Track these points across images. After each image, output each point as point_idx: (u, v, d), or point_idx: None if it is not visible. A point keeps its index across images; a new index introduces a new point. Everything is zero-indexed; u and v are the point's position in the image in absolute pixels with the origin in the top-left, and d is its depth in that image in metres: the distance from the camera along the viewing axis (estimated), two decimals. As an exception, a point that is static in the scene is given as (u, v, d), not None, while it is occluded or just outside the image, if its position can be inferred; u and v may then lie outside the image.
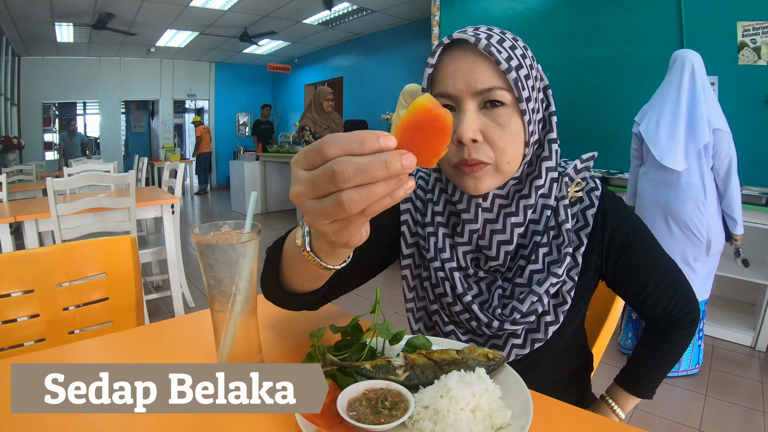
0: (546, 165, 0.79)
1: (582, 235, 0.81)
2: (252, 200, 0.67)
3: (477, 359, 0.63)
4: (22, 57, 9.04)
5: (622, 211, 0.84)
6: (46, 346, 1.17)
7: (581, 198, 0.83)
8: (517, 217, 0.80)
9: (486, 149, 0.72)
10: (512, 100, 0.72)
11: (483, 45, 0.70)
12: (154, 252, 3.09)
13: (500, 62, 0.70)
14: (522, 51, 0.74)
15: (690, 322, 0.92)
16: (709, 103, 2.30)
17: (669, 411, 2.23)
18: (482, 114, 0.73)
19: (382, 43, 8.09)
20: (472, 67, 0.71)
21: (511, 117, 0.72)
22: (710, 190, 2.34)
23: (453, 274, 0.83)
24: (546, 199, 0.81)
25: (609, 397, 0.99)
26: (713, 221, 2.35)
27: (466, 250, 0.85)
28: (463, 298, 0.82)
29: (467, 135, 0.70)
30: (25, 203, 3.17)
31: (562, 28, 4.22)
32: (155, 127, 11.47)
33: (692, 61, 2.35)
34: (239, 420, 0.55)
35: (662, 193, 2.45)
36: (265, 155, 7.61)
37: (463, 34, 0.73)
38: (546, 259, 0.80)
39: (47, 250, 1.19)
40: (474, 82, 0.71)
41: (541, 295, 0.78)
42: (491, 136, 0.72)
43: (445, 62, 0.74)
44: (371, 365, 0.62)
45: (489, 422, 0.54)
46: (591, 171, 0.86)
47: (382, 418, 0.54)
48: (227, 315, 0.64)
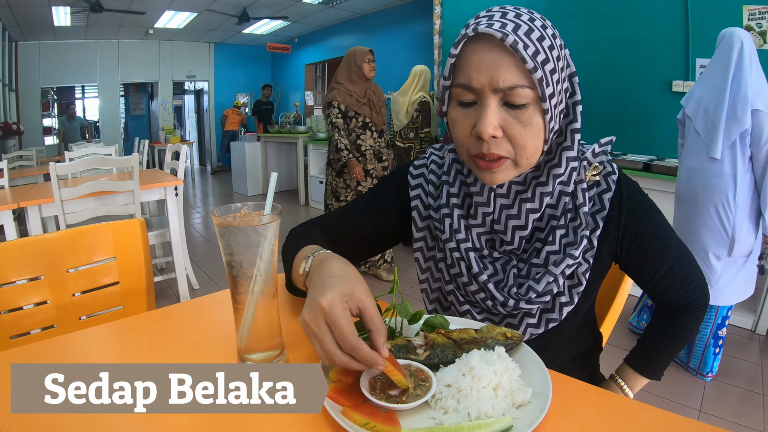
0: (567, 155, 0.78)
1: (598, 218, 0.81)
2: (273, 181, 0.68)
3: (495, 338, 0.64)
4: (19, 42, 8.96)
5: (638, 196, 0.84)
6: (56, 332, 1.17)
7: (598, 182, 0.83)
8: (533, 203, 0.80)
9: (506, 144, 0.72)
10: (535, 98, 0.70)
11: (510, 41, 0.67)
12: (158, 234, 3.11)
13: (526, 60, 0.67)
14: (550, 41, 0.71)
15: (700, 306, 0.92)
16: (756, 84, 2.07)
17: (670, 392, 2.26)
18: (503, 110, 0.71)
19: (383, 23, 7.99)
20: (497, 62, 0.69)
21: (533, 115, 0.71)
22: (743, 183, 2.12)
23: (468, 254, 0.84)
24: (565, 186, 0.81)
25: (618, 377, 1.00)
26: (741, 218, 2.15)
27: (481, 231, 0.86)
28: (479, 278, 0.83)
29: (487, 131, 0.70)
30: (27, 189, 3.17)
31: (567, 8, 4.17)
32: (155, 109, 11.40)
33: (741, 38, 2.12)
34: (239, 420, 0.56)
35: (693, 182, 2.29)
36: (266, 136, 7.58)
37: (489, 27, 0.69)
38: (563, 241, 0.81)
39: (56, 235, 1.19)
40: (497, 78, 0.69)
41: (557, 275, 0.79)
42: (512, 132, 0.71)
43: (469, 53, 0.72)
44: (392, 345, 0.63)
45: (510, 400, 0.55)
46: (608, 155, 0.86)
47: (405, 396, 0.55)
48: (248, 297, 0.65)
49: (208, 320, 0.90)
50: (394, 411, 0.55)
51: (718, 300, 2.29)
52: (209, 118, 11.53)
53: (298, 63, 10.59)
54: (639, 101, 3.79)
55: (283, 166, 7.96)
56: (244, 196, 7.69)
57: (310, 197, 6.79)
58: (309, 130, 6.89)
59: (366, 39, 8.38)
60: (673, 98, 3.55)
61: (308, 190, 6.84)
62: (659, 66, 3.65)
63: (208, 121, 11.59)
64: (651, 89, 3.71)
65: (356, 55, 3.48)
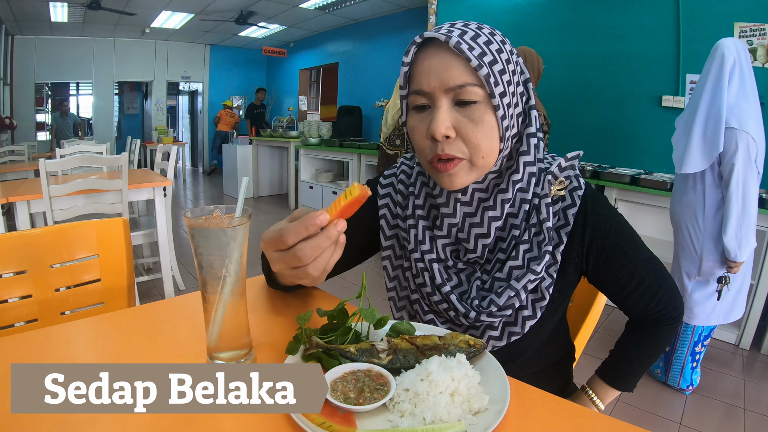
0: (524, 159, 0.80)
1: (562, 233, 0.82)
2: (243, 185, 0.69)
3: (458, 345, 0.65)
4: (15, 36, 8.89)
5: (605, 211, 0.85)
6: (37, 326, 1.17)
7: (564, 197, 0.84)
8: (494, 211, 0.82)
9: (459, 145, 0.75)
10: (485, 96, 0.73)
11: (454, 42, 0.71)
12: (145, 234, 3.10)
13: (470, 59, 0.71)
14: (498, 46, 0.75)
15: (673, 319, 0.92)
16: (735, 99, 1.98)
17: (651, 404, 2.27)
18: (455, 110, 0.74)
19: (378, 30, 8.03)
20: (445, 64, 0.73)
21: (484, 113, 0.74)
22: (711, 201, 2.08)
23: (432, 265, 0.85)
24: (524, 193, 0.82)
25: (589, 389, 1.00)
26: (708, 237, 2.12)
27: (446, 242, 0.87)
28: (441, 289, 0.84)
29: (440, 131, 0.72)
30: (17, 184, 3.15)
31: (560, 21, 4.23)
32: (148, 108, 11.36)
33: (723, 51, 2.00)
34: (240, 420, 0.56)
35: (673, 199, 2.31)
36: (259, 139, 7.58)
37: (435, 32, 0.74)
38: (526, 256, 0.82)
39: (40, 231, 1.20)
40: (446, 79, 0.72)
41: (519, 290, 0.80)
42: (464, 131, 0.74)
43: (420, 60, 0.76)
44: (355, 348, 0.64)
45: (467, 406, 0.56)
46: (576, 169, 0.86)
47: (363, 399, 0.56)
48: (217, 297, 0.65)
49: (182, 319, 0.90)
50: (351, 412, 0.56)
51: (691, 319, 2.27)
52: (203, 119, 11.50)
53: (293, 67, 10.61)
54: (629, 115, 3.84)
55: (275, 170, 7.98)
56: (234, 199, 7.68)
57: (300, 202, 6.79)
58: (301, 135, 6.90)
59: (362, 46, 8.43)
60: (663, 113, 3.61)
61: (298, 194, 6.84)
62: (649, 81, 3.70)
63: (202, 123, 11.55)
64: (641, 104, 3.77)
65: None
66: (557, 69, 4.26)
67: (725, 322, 2.29)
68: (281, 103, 10.83)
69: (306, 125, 6.97)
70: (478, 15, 4.90)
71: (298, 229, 0.60)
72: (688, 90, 3.44)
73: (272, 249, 0.64)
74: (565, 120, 4.14)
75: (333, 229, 0.61)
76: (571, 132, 4.07)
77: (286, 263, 0.63)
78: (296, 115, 9.16)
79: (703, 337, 2.31)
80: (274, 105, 10.68)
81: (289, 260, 0.62)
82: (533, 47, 2.97)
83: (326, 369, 0.62)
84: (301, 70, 10.39)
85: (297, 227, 0.60)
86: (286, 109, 9.76)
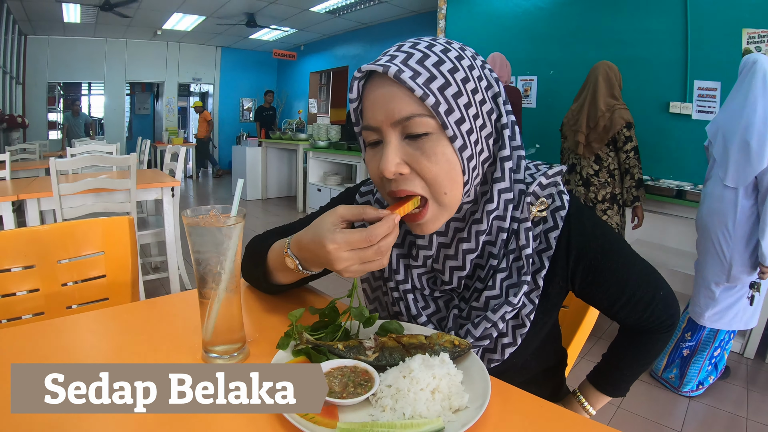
0: (498, 187, 0.74)
1: (544, 257, 0.77)
2: (239, 187, 0.72)
3: (443, 345, 0.67)
4: (28, 36, 9.04)
5: (590, 230, 0.79)
6: (44, 319, 1.21)
7: (545, 218, 0.78)
8: (469, 243, 0.76)
9: (416, 180, 0.69)
10: (437, 127, 0.66)
11: (393, 72, 0.65)
12: (153, 233, 3.15)
13: (413, 89, 0.64)
14: (452, 64, 0.68)
15: (666, 327, 0.89)
16: None
17: (651, 411, 2.26)
18: (407, 144, 0.68)
19: (388, 34, 8.09)
20: (390, 95, 0.66)
21: (436, 144, 0.67)
22: (744, 210, 2.13)
23: (407, 296, 0.82)
24: (501, 221, 0.76)
25: (580, 393, 0.99)
26: (739, 245, 2.16)
27: (422, 272, 0.83)
28: (417, 320, 0.81)
29: (388, 169, 0.67)
30: (28, 182, 3.21)
31: (568, 26, 4.24)
32: (159, 109, 11.48)
33: (764, 66, 2.08)
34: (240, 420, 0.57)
35: (704, 207, 2.32)
36: (268, 141, 7.63)
37: (374, 63, 0.68)
38: (504, 284, 0.77)
39: (49, 227, 1.23)
40: (391, 112, 0.66)
41: (495, 321, 0.75)
42: (418, 166, 0.68)
43: (367, 93, 0.71)
44: (343, 345, 0.66)
45: (447, 403, 0.58)
46: (559, 185, 0.80)
47: (346, 393, 0.58)
48: (212, 293, 0.68)
49: (180, 314, 0.94)
50: (335, 405, 0.58)
51: (716, 324, 2.31)
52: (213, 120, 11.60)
53: (304, 70, 10.68)
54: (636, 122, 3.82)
55: (283, 172, 8.03)
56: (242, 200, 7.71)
57: (308, 204, 6.82)
58: (310, 138, 6.94)
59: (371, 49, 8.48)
60: (670, 120, 3.59)
61: (306, 197, 6.88)
62: (657, 87, 3.69)
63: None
64: (648, 110, 3.73)
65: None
66: (564, 73, 4.27)
67: (746, 327, 2.35)
68: (291, 105, 10.90)
69: (315, 128, 7.01)
70: (486, 20, 4.92)
71: (383, 230, 0.65)
72: (696, 96, 3.42)
73: (348, 248, 0.66)
74: (573, 126, 4.15)
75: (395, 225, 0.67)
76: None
77: (360, 258, 0.66)
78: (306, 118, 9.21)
79: (724, 342, 2.35)
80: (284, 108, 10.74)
81: (370, 255, 0.66)
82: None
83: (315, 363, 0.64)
84: (311, 73, 10.47)
85: (382, 228, 0.65)
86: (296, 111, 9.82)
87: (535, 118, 4.51)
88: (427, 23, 6.86)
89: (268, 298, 0.96)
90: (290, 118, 9.27)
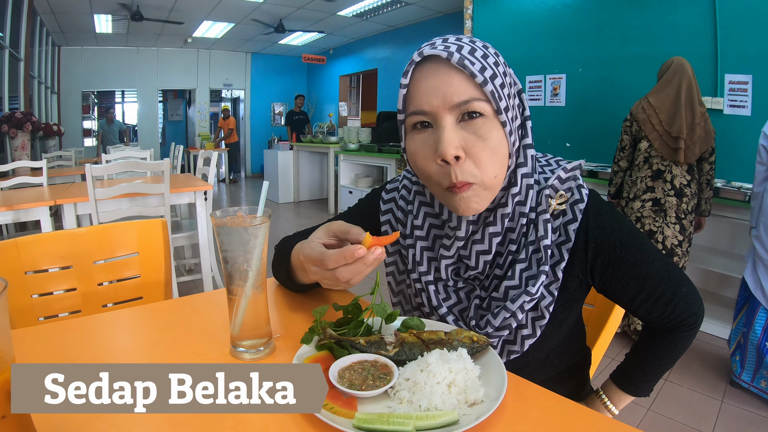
0: (521, 171, 0.77)
1: (563, 250, 0.79)
2: (264, 189, 0.76)
3: (462, 341, 0.68)
4: (61, 47, 9.41)
5: (609, 224, 0.80)
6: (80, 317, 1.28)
7: (564, 211, 0.80)
8: (495, 226, 0.79)
9: (470, 167, 0.71)
10: (491, 112, 0.70)
11: (456, 59, 0.68)
12: (187, 236, 3.23)
13: (475, 75, 0.68)
14: (494, 59, 0.73)
15: (689, 326, 0.88)
16: None
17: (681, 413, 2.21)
18: (461, 127, 0.71)
19: (416, 35, 8.11)
20: (447, 81, 0.69)
21: (491, 128, 0.71)
22: None
23: (429, 287, 0.84)
24: (522, 206, 0.79)
25: (602, 393, 0.99)
26: None
27: (449, 263, 0.85)
28: (438, 310, 0.83)
29: (449, 153, 0.69)
30: (64, 187, 3.33)
31: (595, 23, 4.17)
32: (191, 115, 11.77)
33: None
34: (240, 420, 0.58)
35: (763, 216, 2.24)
36: (299, 145, 7.74)
37: (433, 49, 0.70)
38: (524, 275, 0.79)
39: (85, 230, 1.30)
40: (450, 96, 0.69)
41: (514, 311, 0.77)
42: (473, 150, 0.70)
43: (418, 79, 0.72)
44: (365, 340, 0.68)
45: (463, 397, 0.59)
46: (578, 179, 0.82)
47: (366, 386, 0.60)
48: (239, 290, 0.72)
49: (210, 311, 0.98)
50: (354, 397, 0.60)
51: None
52: (245, 126, 11.82)
53: (333, 74, 10.79)
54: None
55: (315, 175, 8.13)
56: (275, 203, 7.86)
57: (339, 207, 6.89)
58: (341, 141, 7.01)
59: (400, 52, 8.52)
60: (702, 116, 3.51)
61: (338, 199, 6.95)
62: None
63: (244, 129, 11.87)
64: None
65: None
66: (591, 71, 4.21)
67: None
68: (322, 109, 11.03)
69: (345, 131, 7.08)
70: (512, 18, 4.89)
71: (338, 259, 0.66)
72: (727, 90, 3.32)
73: (311, 264, 0.71)
74: (601, 122, 4.10)
75: (370, 256, 0.66)
76: (609, 134, 4.00)
77: (323, 278, 0.70)
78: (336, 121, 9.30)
79: None
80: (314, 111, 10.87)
81: (328, 278, 0.70)
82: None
83: (337, 358, 0.67)
84: (340, 77, 10.57)
85: (337, 257, 0.66)
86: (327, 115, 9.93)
87: (565, 116, 4.46)
88: (453, 24, 6.87)
89: (294, 295, 0.99)
90: (321, 121, 9.38)
